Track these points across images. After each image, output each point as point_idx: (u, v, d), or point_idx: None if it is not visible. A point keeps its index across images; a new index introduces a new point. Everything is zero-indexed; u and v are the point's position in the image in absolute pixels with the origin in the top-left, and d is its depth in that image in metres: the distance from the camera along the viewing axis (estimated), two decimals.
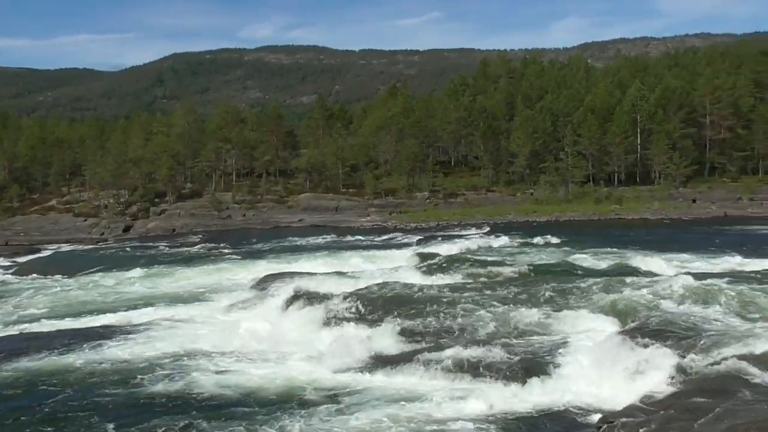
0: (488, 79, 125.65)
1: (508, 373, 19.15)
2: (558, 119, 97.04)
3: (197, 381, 20.20)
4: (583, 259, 39.33)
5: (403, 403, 17.87)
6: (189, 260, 48.40)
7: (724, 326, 21.50)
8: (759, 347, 17.96)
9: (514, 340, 22.17)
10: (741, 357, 17.30)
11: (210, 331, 26.38)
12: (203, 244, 60.22)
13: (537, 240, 50.30)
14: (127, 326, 27.34)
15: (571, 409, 17.14)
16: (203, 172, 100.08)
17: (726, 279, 28.23)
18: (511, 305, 25.92)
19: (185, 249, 57.79)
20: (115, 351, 23.75)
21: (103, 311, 31.60)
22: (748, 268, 32.62)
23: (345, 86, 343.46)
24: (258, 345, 24.17)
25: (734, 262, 37.04)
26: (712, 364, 17.31)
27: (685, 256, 40.68)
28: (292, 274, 34.58)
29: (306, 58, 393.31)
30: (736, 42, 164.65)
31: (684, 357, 18.15)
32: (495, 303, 26.16)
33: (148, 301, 33.49)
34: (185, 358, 22.51)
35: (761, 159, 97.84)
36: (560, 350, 20.60)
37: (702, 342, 18.96)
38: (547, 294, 27.65)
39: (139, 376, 20.76)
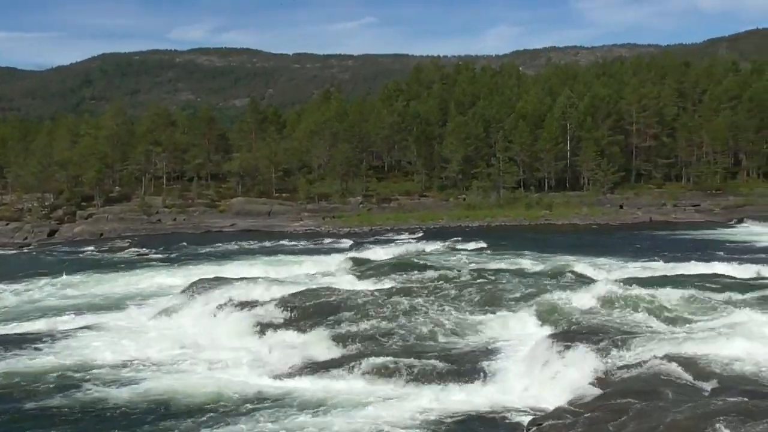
0: (421, 85, 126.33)
1: (439, 376, 19.26)
2: (490, 125, 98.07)
3: (123, 390, 19.70)
4: (514, 263, 39.86)
5: (334, 407, 17.80)
6: (117, 265, 47.33)
7: (649, 329, 22.04)
8: (681, 349, 18.47)
9: (446, 344, 22.33)
10: (664, 358, 17.74)
11: (138, 338, 25.78)
12: (132, 249, 58.97)
13: (469, 245, 50.75)
14: (50, 334, 26.35)
15: (502, 411, 17.31)
16: (132, 175, 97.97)
17: (651, 283, 28.96)
18: (443, 309, 26.10)
19: (113, 254, 56.52)
20: (33, 360, 22.88)
21: (24, 318, 30.47)
22: (671, 273, 33.47)
23: (278, 90, 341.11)
24: (188, 352, 23.77)
25: (659, 266, 37.94)
26: (637, 366, 17.70)
27: (612, 261, 41.55)
28: (223, 280, 34.03)
29: (239, 60, 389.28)
30: (660, 53, 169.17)
31: (610, 359, 18.52)
32: (427, 307, 26.32)
33: (73, 308, 32.34)
34: (109, 367, 21.91)
35: (684, 166, 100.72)
36: (491, 353, 20.83)
37: (628, 344, 19.38)
38: (479, 298, 27.95)
39: (55, 386, 20.06)
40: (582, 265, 37.08)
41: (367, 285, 33.17)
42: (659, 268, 37.19)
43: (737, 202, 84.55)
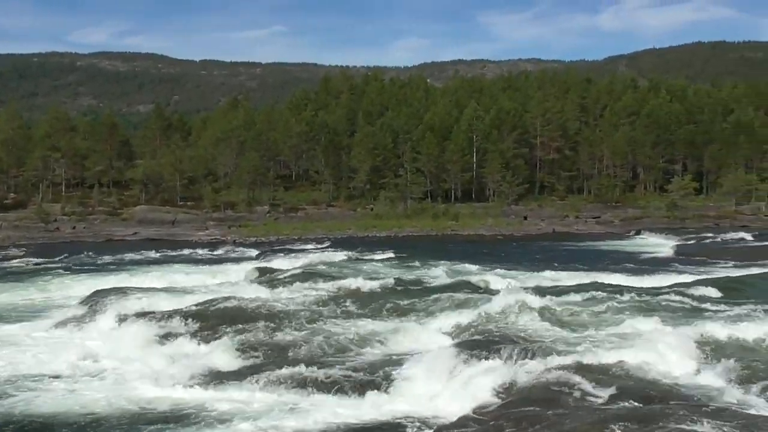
0: (330, 95, 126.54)
1: (345, 387, 19.11)
2: (398, 136, 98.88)
3: (16, 406, 18.84)
4: (421, 273, 40.06)
5: (238, 419, 17.45)
6: (9, 275, 45.44)
7: (552, 338, 22.43)
8: (581, 357, 18.85)
9: (352, 354, 22.21)
10: (566, 367, 18.07)
11: (34, 351, 24.73)
12: (27, 258, 56.73)
13: (376, 255, 50.83)
14: None
15: (407, 422, 17.26)
16: (29, 181, 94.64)
17: (554, 293, 29.55)
18: (350, 319, 26.02)
19: (6, 263, 54.26)
20: None
21: None
22: (573, 283, 34.21)
23: (184, 96, 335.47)
24: (87, 365, 22.93)
25: (561, 276, 38.80)
26: (539, 374, 17.95)
27: (517, 271, 42.23)
28: (125, 290, 33.08)
29: (144, 65, 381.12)
30: (564, 68, 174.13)
31: (514, 368, 18.76)
32: (333, 317, 26.22)
33: None
34: (2, 383, 20.95)
35: (586, 179, 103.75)
36: (396, 363, 20.80)
37: (531, 353, 19.66)
38: (385, 308, 28.00)
39: None
40: (487, 275, 37.66)
41: (273, 295, 32.77)
42: (561, 278, 38.02)
43: (635, 215, 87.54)
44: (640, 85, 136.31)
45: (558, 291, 30.31)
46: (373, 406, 18.23)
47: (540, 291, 30.11)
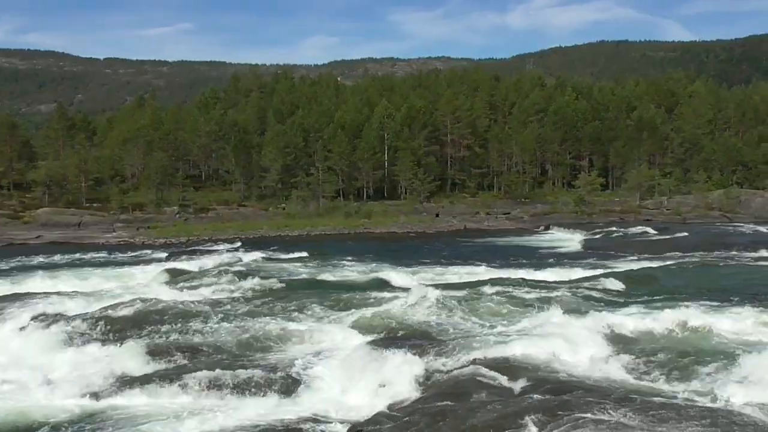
0: (240, 93, 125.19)
1: (260, 387, 18.88)
2: (309, 135, 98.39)
3: None
4: (334, 272, 39.99)
5: (148, 424, 17.00)
6: None
7: (464, 333, 22.68)
8: (494, 351, 19.12)
9: (266, 354, 21.97)
10: (478, 361, 18.30)
11: None
12: None
13: (289, 254, 50.44)
14: None
15: (322, 419, 17.15)
16: None
17: (466, 288, 29.92)
18: (263, 319, 25.74)
19: None
20: None
21: None
22: (485, 278, 34.65)
23: (88, 95, 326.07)
24: None
25: (473, 271, 39.28)
26: (453, 370, 18.12)
27: (430, 267, 42.58)
28: (28, 295, 31.90)
29: (44, 63, 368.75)
30: (473, 67, 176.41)
31: (428, 363, 18.88)
32: (246, 318, 25.88)
33: None
34: None
35: (496, 176, 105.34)
36: (311, 362, 20.67)
37: (444, 349, 19.82)
38: (297, 307, 27.85)
39: None
40: (400, 273, 37.84)
41: (184, 296, 32.14)
42: (474, 273, 38.50)
43: (544, 210, 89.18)
44: (547, 83, 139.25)
45: (470, 286, 30.68)
46: (287, 406, 18.06)
47: (452, 287, 30.43)
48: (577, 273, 37.28)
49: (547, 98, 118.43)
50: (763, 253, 47.60)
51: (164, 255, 54.40)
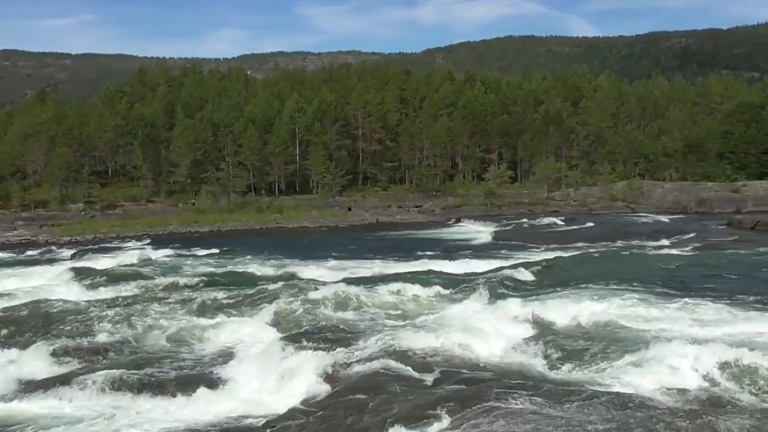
0: (146, 87, 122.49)
1: (172, 386, 18.48)
2: (219, 129, 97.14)
3: None
4: (246, 268, 39.56)
5: (52, 429, 16.46)
6: None
7: (377, 327, 22.73)
8: (406, 343, 19.22)
9: (178, 353, 21.55)
10: (392, 354, 18.37)
11: None
12: None
13: (199, 250, 49.66)
14: None
15: (236, 417, 16.94)
16: None
17: (378, 281, 30.01)
18: (172, 317, 25.28)
19: None
20: None
21: None
22: (397, 271, 34.86)
23: None
24: None
25: (385, 265, 39.41)
26: (365, 362, 18.13)
27: (342, 261, 42.52)
28: None
29: None
30: (383, 61, 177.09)
31: (341, 357, 18.86)
32: (156, 316, 25.35)
33: None
34: None
35: (407, 170, 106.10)
36: (223, 360, 20.41)
37: (357, 343, 19.84)
38: (210, 304, 27.43)
39: None
40: (313, 267, 37.71)
41: (91, 295, 31.35)
42: (385, 267, 38.64)
43: (455, 203, 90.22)
44: (457, 77, 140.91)
45: (382, 280, 30.77)
46: (199, 406, 17.73)
47: (365, 281, 30.47)
48: (488, 264, 37.78)
49: (457, 92, 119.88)
50: (664, 242, 49.30)
51: (69, 253, 52.84)
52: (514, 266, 35.00)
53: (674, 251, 42.80)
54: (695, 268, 33.96)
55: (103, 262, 43.22)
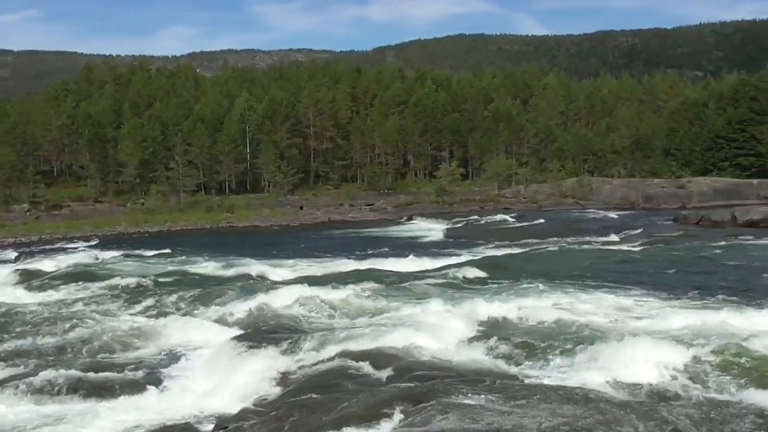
0: (93, 85, 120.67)
1: (119, 390, 18.18)
2: (168, 128, 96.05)
3: None
4: (197, 267, 39.08)
5: None
6: None
7: (330, 326, 22.65)
8: (360, 342, 19.17)
9: (126, 355, 21.22)
10: (345, 353, 18.29)
11: None
12: None
13: (149, 251, 48.95)
14: None
15: (187, 419, 16.71)
16: None
17: (330, 280, 29.89)
18: (123, 318, 24.95)
19: None
20: None
21: None
22: (349, 269, 34.78)
23: None
24: None
25: (338, 264, 39.22)
26: (319, 363, 18.05)
27: (294, 260, 42.29)
28: None
29: None
30: (334, 59, 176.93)
31: (293, 357, 18.76)
32: (105, 317, 24.98)
33: None
34: None
35: (359, 168, 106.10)
36: (174, 361, 20.19)
37: (310, 342, 19.71)
38: (160, 304, 27.16)
39: None
40: (265, 267, 37.39)
41: (36, 298, 30.74)
42: (338, 265, 38.47)
43: (407, 201, 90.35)
44: (408, 75, 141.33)
45: (334, 278, 30.69)
46: (149, 408, 17.48)
47: (317, 279, 30.36)
48: (440, 261, 37.92)
49: (408, 90, 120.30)
50: (613, 237, 50.04)
51: (14, 255, 51.77)
52: (466, 263, 35.22)
53: (623, 247, 43.41)
54: (643, 263, 34.49)
55: (49, 264, 42.38)
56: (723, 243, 41.43)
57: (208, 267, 39.35)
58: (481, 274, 32.04)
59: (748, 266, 32.58)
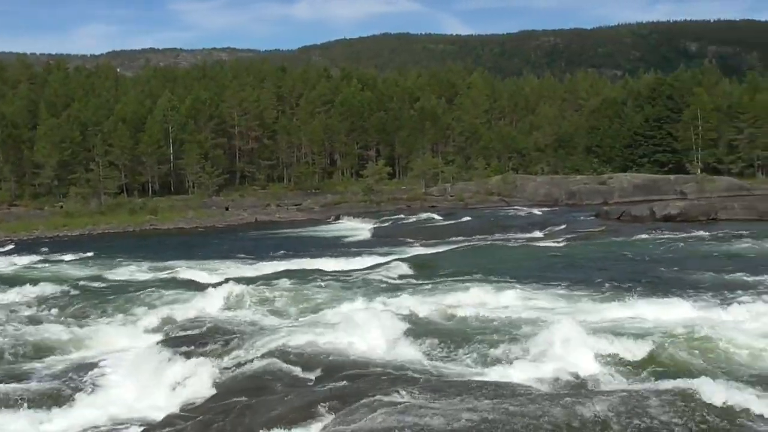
0: (6, 84, 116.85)
1: (43, 398, 17.63)
2: (87, 128, 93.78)
3: None
4: (120, 272, 38.26)
5: None
6: None
7: (259, 326, 22.41)
8: (289, 343, 19.06)
9: (47, 363, 20.59)
10: (274, 354, 18.16)
11: None
12: None
13: (69, 255, 47.67)
14: None
15: (111, 427, 16.31)
16: None
17: (259, 281, 29.59)
18: (43, 326, 24.14)
19: None
20: None
21: None
22: (278, 270, 34.43)
23: None
24: None
25: (266, 265, 38.83)
26: (247, 364, 17.89)
27: (221, 262, 41.76)
28: None
29: None
30: (259, 58, 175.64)
31: (222, 360, 18.53)
32: (25, 324, 24.21)
33: None
34: None
35: (285, 167, 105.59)
36: (98, 368, 19.67)
37: (239, 344, 19.52)
38: (84, 310, 26.49)
39: None
40: (191, 269, 36.77)
41: None
42: (265, 266, 38.08)
43: (334, 200, 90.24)
44: (333, 74, 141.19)
45: (263, 279, 30.41)
46: (73, 417, 16.99)
47: (244, 280, 30.01)
48: (369, 260, 37.93)
49: (334, 90, 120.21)
50: (537, 234, 50.90)
51: None
52: (393, 262, 35.27)
53: (547, 243, 44.17)
54: (567, 259, 35.13)
55: None
56: (643, 237, 42.63)
57: (131, 270, 38.57)
58: (409, 272, 32.17)
59: (665, 260, 33.50)
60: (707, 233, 43.35)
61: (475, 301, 23.99)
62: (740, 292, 24.26)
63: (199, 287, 29.14)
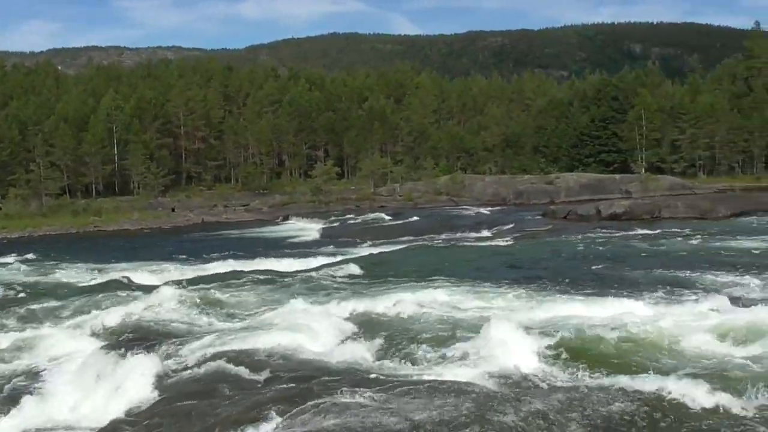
0: None
1: None
2: (27, 128, 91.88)
3: None
4: (64, 275, 37.61)
5: None
6: None
7: (206, 329, 22.20)
8: (238, 345, 18.91)
9: None
10: (222, 356, 17.97)
11: None
12: None
13: (8, 258, 46.63)
14: None
15: None
16: None
17: (206, 282, 29.37)
18: None
19: None
20: None
21: None
22: (226, 270, 34.14)
23: None
24: None
25: (212, 266, 38.43)
26: (195, 366, 17.69)
27: (168, 264, 41.27)
28: None
29: None
30: (205, 57, 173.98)
31: (168, 363, 18.28)
32: None
33: None
34: None
35: (233, 168, 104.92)
36: (38, 374, 19.23)
37: (185, 347, 19.32)
38: (24, 315, 25.85)
39: None
40: (136, 271, 36.22)
41: None
42: (213, 267, 37.69)
43: (283, 201, 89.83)
44: (281, 73, 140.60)
45: (209, 281, 30.15)
46: (13, 425, 16.60)
47: (192, 282, 29.74)
48: (318, 261, 37.84)
49: (281, 89, 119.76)
50: (485, 233, 51.35)
51: None
52: (342, 262, 35.29)
53: (496, 242, 44.63)
54: (514, 257, 35.53)
55: None
56: (588, 235, 43.29)
57: (74, 273, 37.93)
58: (357, 272, 32.17)
59: (609, 258, 34.09)
60: (651, 231, 44.29)
61: (423, 300, 24.06)
62: (681, 289, 24.83)
63: (144, 289, 28.75)
